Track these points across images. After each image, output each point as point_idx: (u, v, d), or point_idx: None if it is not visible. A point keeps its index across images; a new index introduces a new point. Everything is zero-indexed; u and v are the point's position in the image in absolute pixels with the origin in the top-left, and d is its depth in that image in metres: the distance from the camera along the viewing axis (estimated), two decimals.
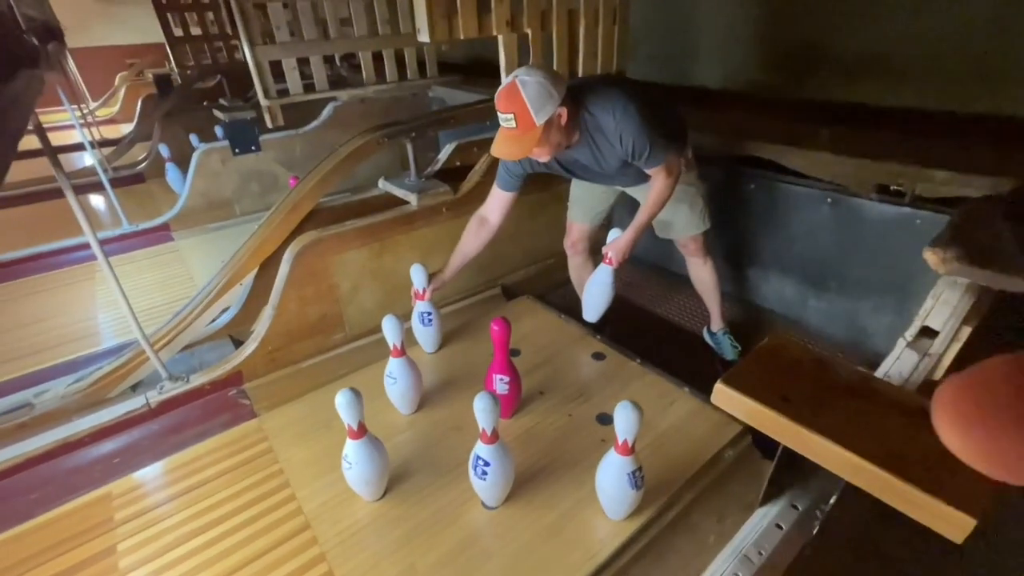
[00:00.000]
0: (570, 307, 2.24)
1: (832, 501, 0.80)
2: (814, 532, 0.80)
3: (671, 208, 1.70)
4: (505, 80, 1.37)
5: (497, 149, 1.41)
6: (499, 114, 1.36)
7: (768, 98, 2.71)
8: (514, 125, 1.34)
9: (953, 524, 0.57)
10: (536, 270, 2.43)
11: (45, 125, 1.75)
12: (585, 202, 1.92)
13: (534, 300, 2.18)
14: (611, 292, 1.68)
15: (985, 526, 0.56)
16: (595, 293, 1.71)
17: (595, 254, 1.94)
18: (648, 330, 2.23)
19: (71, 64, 6.16)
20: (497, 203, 1.72)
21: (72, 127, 3.23)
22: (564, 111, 1.36)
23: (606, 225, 1.85)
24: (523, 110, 1.31)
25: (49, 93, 3.10)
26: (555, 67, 2.24)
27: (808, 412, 0.69)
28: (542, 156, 1.46)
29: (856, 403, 0.73)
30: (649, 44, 3.08)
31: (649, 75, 3.13)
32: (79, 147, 3.84)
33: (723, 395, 0.75)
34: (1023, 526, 1.33)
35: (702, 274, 1.94)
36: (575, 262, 2.06)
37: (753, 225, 2.17)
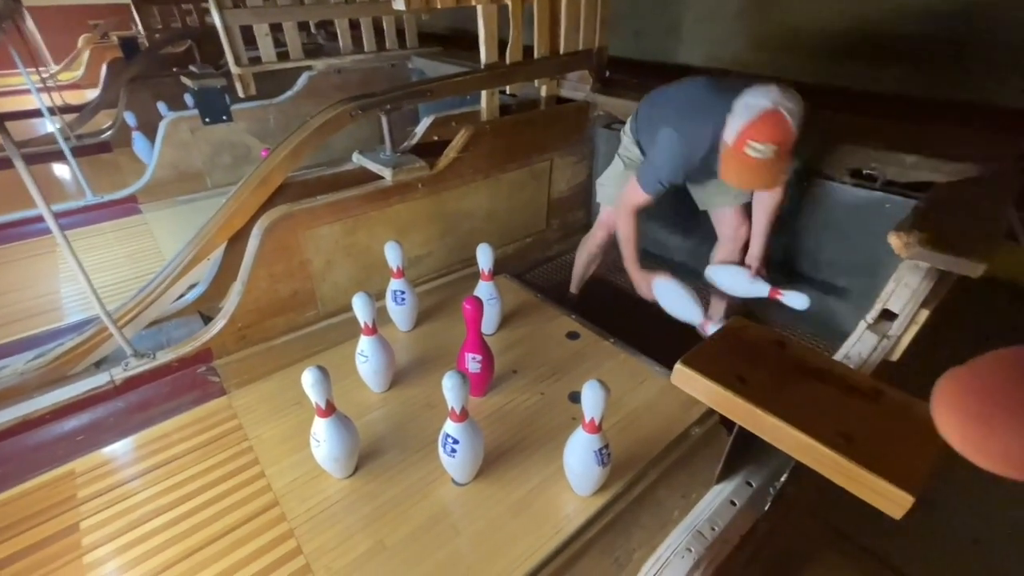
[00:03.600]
0: (547, 286, 2.25)
1: (783, 478, 0.83)
2: (766, 508, 0.83)
3: None
4: (759, 107, 1.30)
5: (749, 180, 1.39)
6: (756, 144, 1.29)
7: (749, 77, 2.69)
8: (773, 155, 1.30)
9: (893, 501, 0.59)
10: (514, 249, 2.42)
11: (1, 89, 1.65)
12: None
13: (511, 279, 2.17)
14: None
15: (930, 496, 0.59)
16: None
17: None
18: (625, 310, 2.25)
19: (29, 23, 5.83)
20: (647, 203, 1.69)
21: (30, 91, 3.07)
22: None
23: None
24: (790, 141, 1.29)
25: (3, 55, 2.94)
26: (535, 41, 2.19)
27: (763, 392, 0.70)
28: None
29: (810, 384, 0.74)
30: (633, 20, 3.03)
31: (631, 52, 3.09)
32: (38, 113, 3.65)
33: (682, 375, 0.76)
34: (975, 499, 1.39)
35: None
36: (604, 239, 2.01)
37: None
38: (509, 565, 1.12)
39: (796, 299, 1.60)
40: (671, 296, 1.74)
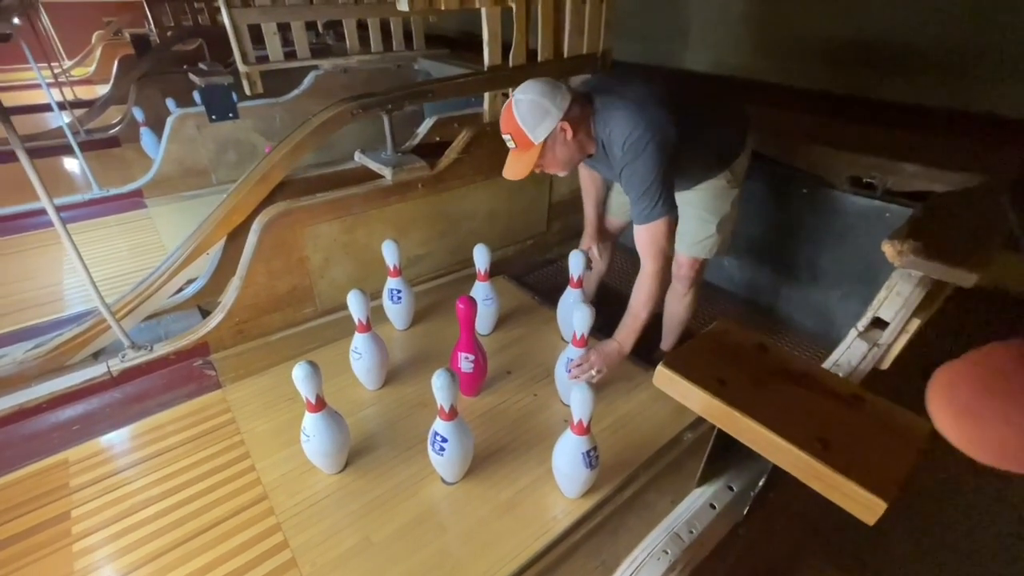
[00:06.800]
0: (545, 289, 2.24)
1: (761, 483, 0.82)
2: (745, 512, 0.82)
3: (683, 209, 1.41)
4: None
5: (504, 169, 1.39)
6: (503, 134, 1.33)
7: (755, 84, 2.69)
8: (514, 145, 1.32)
9: (865, 506, 0.59)
10: (513, 251, 2.42)
11: (16, 83, 1.67)
12: (616, 196, 1.79)
13: (509, 280, 2.18)
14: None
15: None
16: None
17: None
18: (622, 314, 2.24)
19: (44, 20, 5.91)
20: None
21: (46, 85, 3.12)
22: (567, 126, 1.27)
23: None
24: (517, 130, 1.28)
25: (18, 51, 2.98)
26: (539, 44, 2.19)
27: (743, 395, 0.70)
28: (555, 172, 1.40)
29: (790, 388, 0.74)
30: (637, 23, 3.03)
31: (637, 56, 3.08)
32: (50, 107, 3.71)
33: (663, 377, 0.76)
34: (969, 511, 1.38)
35: (676, 306, 1.71)
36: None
37: None
38: (494, 565, 1.12)
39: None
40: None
